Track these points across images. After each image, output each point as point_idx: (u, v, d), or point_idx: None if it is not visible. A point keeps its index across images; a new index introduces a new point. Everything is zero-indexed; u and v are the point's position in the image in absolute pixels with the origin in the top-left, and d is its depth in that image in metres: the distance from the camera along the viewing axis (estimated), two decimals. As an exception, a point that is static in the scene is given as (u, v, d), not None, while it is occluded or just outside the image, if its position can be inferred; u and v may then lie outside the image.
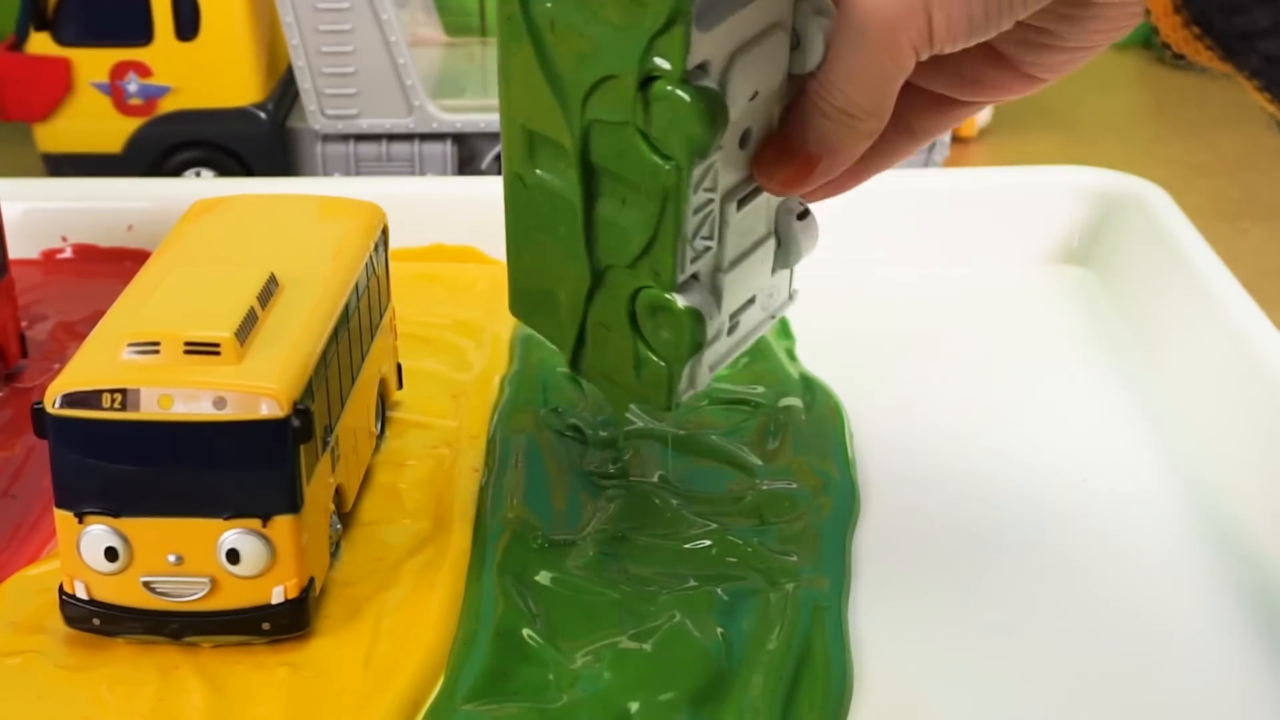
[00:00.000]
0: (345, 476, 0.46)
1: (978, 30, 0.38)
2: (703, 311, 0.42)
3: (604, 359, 0.45)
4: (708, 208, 0.41)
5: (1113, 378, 0.58)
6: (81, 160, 0.91)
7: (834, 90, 0.40)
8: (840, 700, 0.41)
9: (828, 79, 0.40)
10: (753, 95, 0.40)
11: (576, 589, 0.44)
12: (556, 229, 0.43)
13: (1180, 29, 0.32)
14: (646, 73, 0.39)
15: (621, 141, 0.40)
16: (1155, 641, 0.43)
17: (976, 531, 0.48)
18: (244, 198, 0.52)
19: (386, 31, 0.89)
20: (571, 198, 0.42)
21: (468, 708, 0.40)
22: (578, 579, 0.45)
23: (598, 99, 0.40)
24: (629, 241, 0.42)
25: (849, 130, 0.40)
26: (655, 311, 0.42)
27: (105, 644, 0.42)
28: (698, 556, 0.46)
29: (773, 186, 0.42)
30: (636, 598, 0.44)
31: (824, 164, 0.41)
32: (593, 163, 0.41)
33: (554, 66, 0.41)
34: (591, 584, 0.45)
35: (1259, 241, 0.82)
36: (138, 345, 0.40)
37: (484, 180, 0.52)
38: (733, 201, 0.42)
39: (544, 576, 0.45)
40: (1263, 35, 0.30)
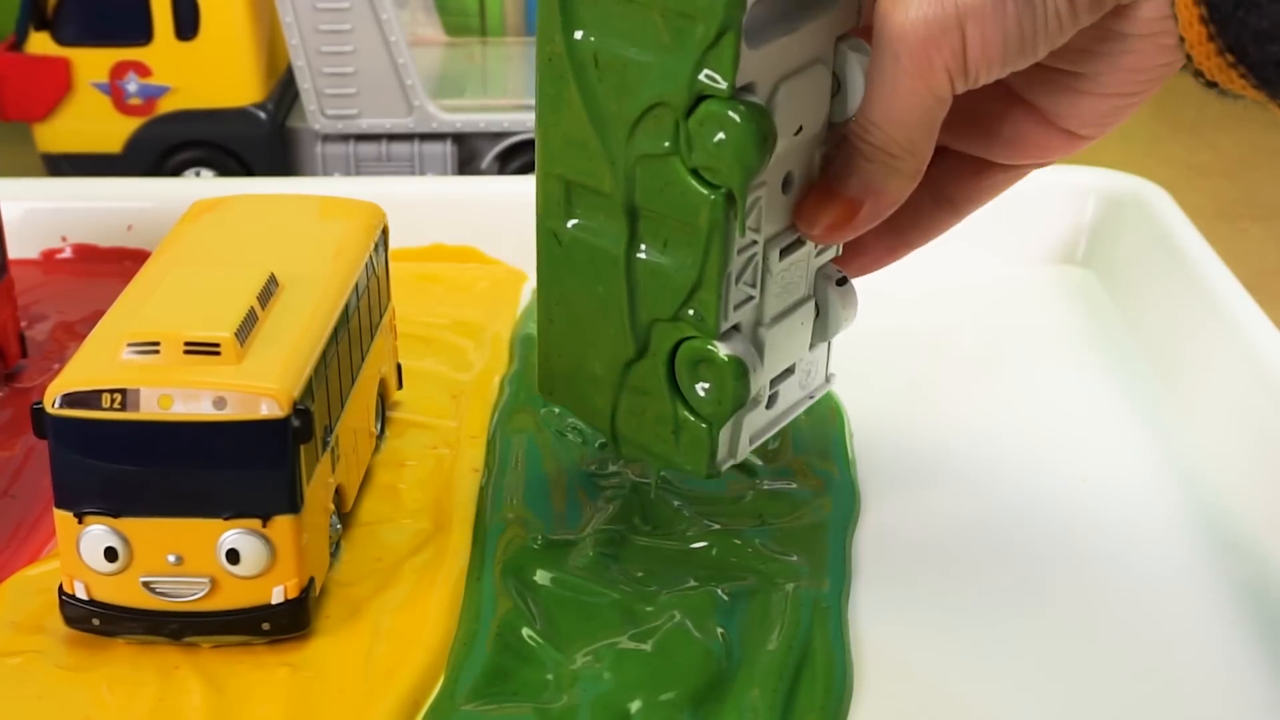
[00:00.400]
0: (345, 476, 0.46)
1: (1013, 52, 0.37)
2: (747, 363, 0.41)
3: (641, 429, 0.44)
4: (751, 250, 0.41)
5: (1113, 377, 0.58)
6: (81, 160, 0.91)
7: (871, 127, 0.39)
8: (840, 700, 0.41)
9: (864, 115, 0.39)
10: (797, 130, 0.40)
11: (576, 589, 0.44)
12: (595, 288, 0.43)
13: (1214, 57, 0.32)
14: (696, 93, 0.38)
15: (666, 175, 0.40)
16: (1155, 639, 0.43)
17: (976, 531, 0.48)
18: (244, 198, 0.52)
19: (386, 31, 0.89)
20: (613, 249, 0.42)
21: (468, 708, 0.40)
22: (578, 579, 0.45)
23: (643, 131, 0.40)
24: (672, 286, 0.41)
25: (889, 170, 0.39)
26: (697, 365, 0.42)
27: (105, 644, 0.42)
28: (698, 556, 0.46)
29: (816, 233, 0.41)
30: (636, 598, 0.44)
31: (866, 208, 0.40)
32: (636, 205, 0.41)
33: (598, 104, 0.41)
34: (591, 584, 0.45)
35: (1259, 241, 0.82)
36: (138, 345, 0.40)
37: (484, 180, 0.52)
38: (775, 250, 0.42)
39: (544, 576, 0.45)
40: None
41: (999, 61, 0.37)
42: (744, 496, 0.49)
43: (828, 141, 0.42)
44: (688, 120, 0.39)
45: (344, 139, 0.92)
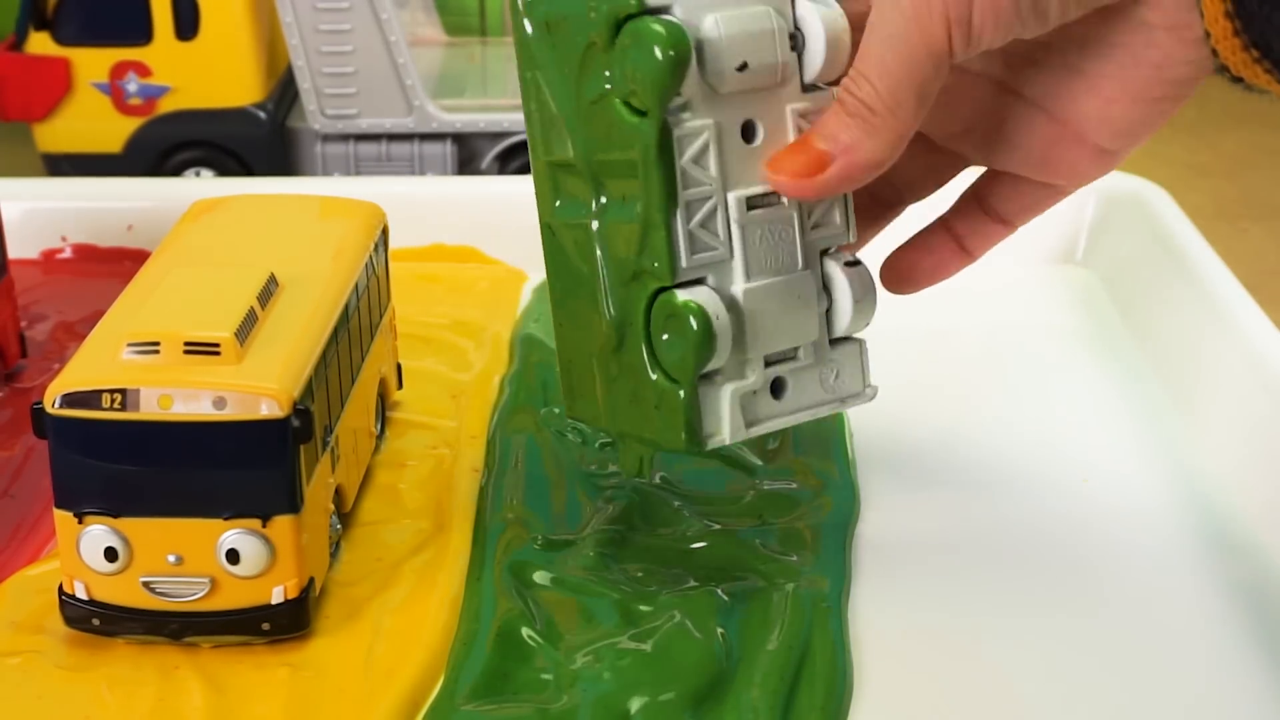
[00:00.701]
0: (345, 476, 0.46)
1: (1025, 11, 0.36)
2: (707, 308, 0.40)
3: (632, 415, 0.43)
4: (705, 191, 0.40)
5: (1113, 377, 0.58)
6: (81, 160, 0.91)
7: (859, 79, 0.38)
8: (840, 700, 0.41)
9: (855, 67, 0.38)
10: (740, 65, 0.40)
11: (576, 589, 0.44)
12: (582, 270, 0.43)
13: (1240, 52, 0.32)
14: (613, 19, 0.39)
15: (608, 117, 0.40)
16: (1155, 640, 0.43)
17: (976, 531, 0.48)
18: (244, 198, 0.52)
19: (386, 31, 0.89)
20: (587, 220, 0.42)
21: (468, 708, 0.40)
22: (578, 579, 0.45)
23: (586, 77, 0.40)
24: (631, 237, 0.41)
25: (867, 129, 0.38)
26: (666, 320, 0.41)
27: (105, 644, 0.42)
28: (698, 556, 0.46)
29: (780, 181, 0.39)
30: (636, 598, 0.44)
31: (837, 165, 0.38)
32: (594, 163, 0.41)
33: (554, 69, 0.41)
34: (591, 584, 0.44)
35: (1259, 241, 0.82)
36: (137, 345, 0.40)
37: (484, 180, 0.52)
38: (741, 200, 0.41)
39: (544, 576, 0.45)
40: None
41: (1006, 20, 0.36)
42: (744, 496, 0.49)
43: (805, 100, 0.41)
44: (611, 48, 0.39)
45: (344, 139, 0.92)
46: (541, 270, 0.44)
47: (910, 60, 0.37)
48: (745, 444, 0.51)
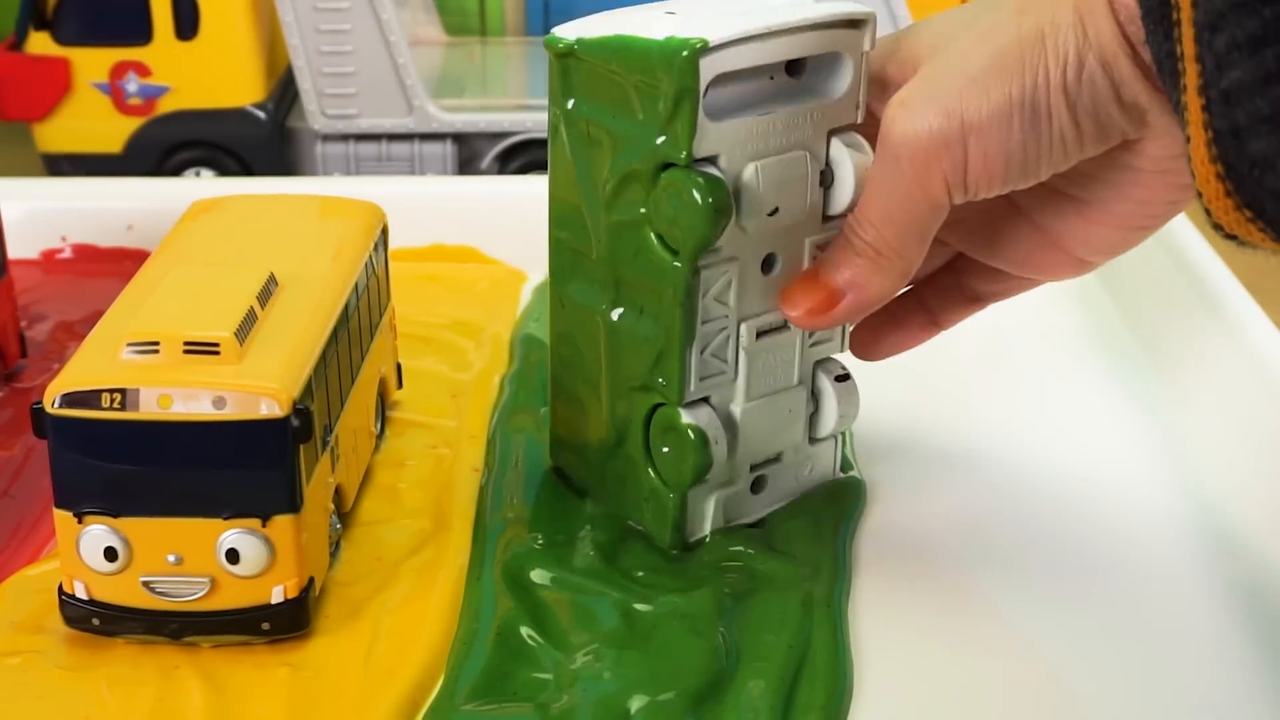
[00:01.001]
0: (345, 476, 0.46)
1: (1015, 172, 0.38)
2: (708, 434, 0.43)
3: (621, 493, 0.46)
4: (722, 324, 0.42)
5: (1113, 377, 0.58)
6: (81, 160, 0.91)
7: (865, 224, 0.40)
8: (840, 700, 0.41)
9: (860, 212, 0.40)
10: (772, 210, 0.41)
11: (576, 589, 0.44)
12: (589, 353, 0.45)
13: (1233, 211, 0.32)
14: (660, 161, 0.40)
15: (638, 241, 0.42)
16: (1155, 641, 0.43)
17: (976, 531, 0.48)
18: (244, 198, 0.52)
19: (386, 31, 0.89)
20: (600, 315, 0.44)
21: (468, 708, 0.40)
22: (578, 579, 0.45)
23: (621, 199, 0.42)
24: (644, 353, 0.43)
25: (876, 268, 0.40)
26: (665, 432, 0.44)
27: (105, 644, 0.42)
28: (698, 556, 0.46)
29: (795, 316, 0.42)
30: (636, 598, 0.44)
31: (848, 300, 0.41)
32: (618, 271, 0.43)
33: (588, 171, 0.43)
34: (591, 584, 0.44)
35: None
36: (137, 345, 0.40)
37: (484, 180, 0.52)
38: (753, 329, 0.43)
39: (544, 576, 0.45)
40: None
41: (999, 179, 0.38)
42: (744, 496, 0.49)
43: (824, 232, 0.43)
44: (653, 185, 0.41)
45: (344, 139, 0.92)
46: (542, 270, 0.45)
47: (915, 213, 0.39)
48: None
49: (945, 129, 0.37)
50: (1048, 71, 0.36)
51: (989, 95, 0.37)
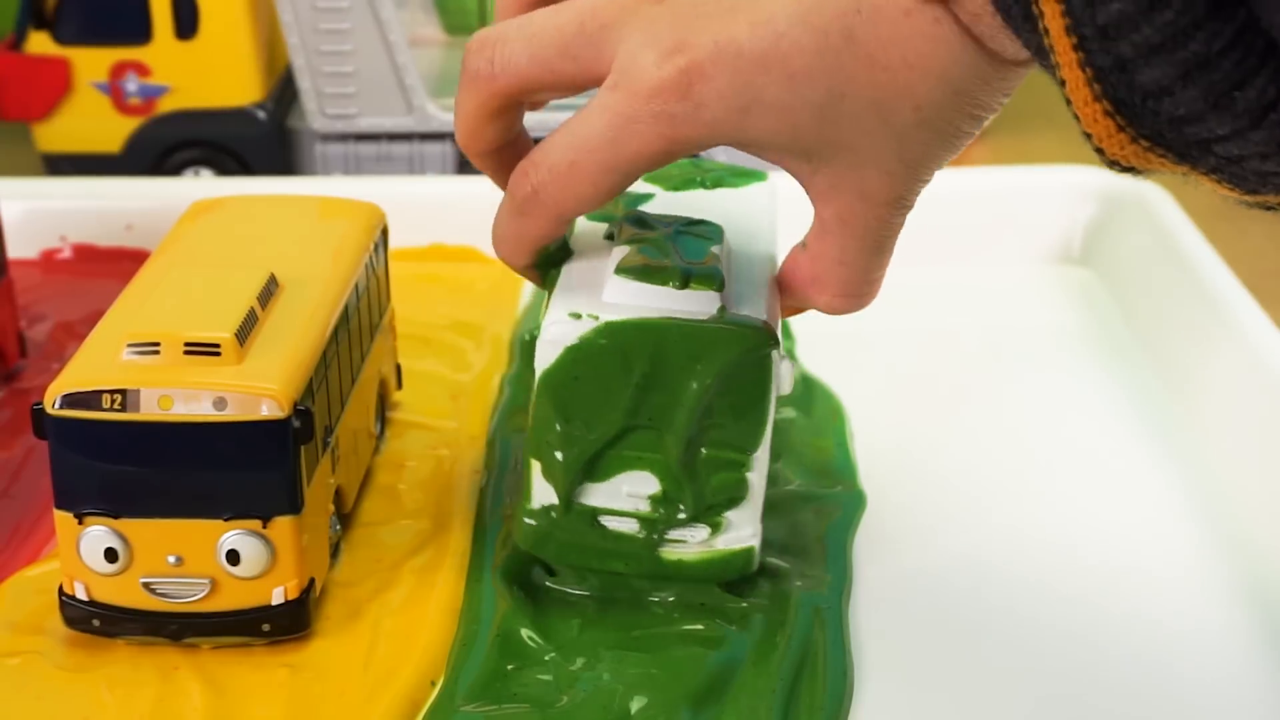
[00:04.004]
0: (345, 477, 0.46)
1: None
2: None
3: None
4: None
5: (1113, 377, 0.58)
6: (81, 160, 0.91)
7: (840, 286, 0.40)
8: (840, 700, 0.41)
9: (835, 263, 0.40)
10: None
11: (577, 589, 0.44)
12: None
13: (1128, 145, 0.31)
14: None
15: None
16: (1156, 642, 0.43)
17: (977, 532, 0.48)
18: (243, 198, 0.52)
19: (386, 31, 0.89)
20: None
21: (468, 709, 0.40)
22: (578, 579, 0.45)
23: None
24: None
25: (857, 304, 0.41)
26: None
27: (105, 645, 0.42)
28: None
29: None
30: (637, 598, 0.44)
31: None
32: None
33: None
34: (592, 585, 0.44)
35: (1259, 241, 0.82)
36: (137, 346, 0.40)
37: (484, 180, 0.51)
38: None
39: (544, 577, 0.45)
40: (1220, 141, 0.29)
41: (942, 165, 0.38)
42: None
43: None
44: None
45: (344, 139, 0.92)
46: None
47: (880, 248, 0.39)
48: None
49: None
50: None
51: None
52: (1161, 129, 0.30)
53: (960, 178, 0.72)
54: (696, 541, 0.42)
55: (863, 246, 0.38)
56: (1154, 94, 0.29)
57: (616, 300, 0.41)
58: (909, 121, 0.35)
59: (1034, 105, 1.06)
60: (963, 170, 0.78)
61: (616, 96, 0.37)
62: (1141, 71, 0.29)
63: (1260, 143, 0.29)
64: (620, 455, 0.41)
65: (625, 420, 0.41)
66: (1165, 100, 0.29)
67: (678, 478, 0.41)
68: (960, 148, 0.37)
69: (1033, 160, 0.75)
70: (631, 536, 0.42)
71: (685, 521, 0.42)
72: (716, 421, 0.41)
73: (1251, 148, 0.29)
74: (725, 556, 0.42)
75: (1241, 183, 0.30)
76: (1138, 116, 0.30)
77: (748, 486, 0.42)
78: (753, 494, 0.42)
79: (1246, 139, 0.29)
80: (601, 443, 0.41)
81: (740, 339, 0.40)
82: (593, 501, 0.42)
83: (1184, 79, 0.29)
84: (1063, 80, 0.31)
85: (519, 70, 0.39)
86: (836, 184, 0.37)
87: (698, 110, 0.36)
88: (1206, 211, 0.66)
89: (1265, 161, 0.29)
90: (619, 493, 0.42)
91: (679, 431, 0.41)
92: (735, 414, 0.41)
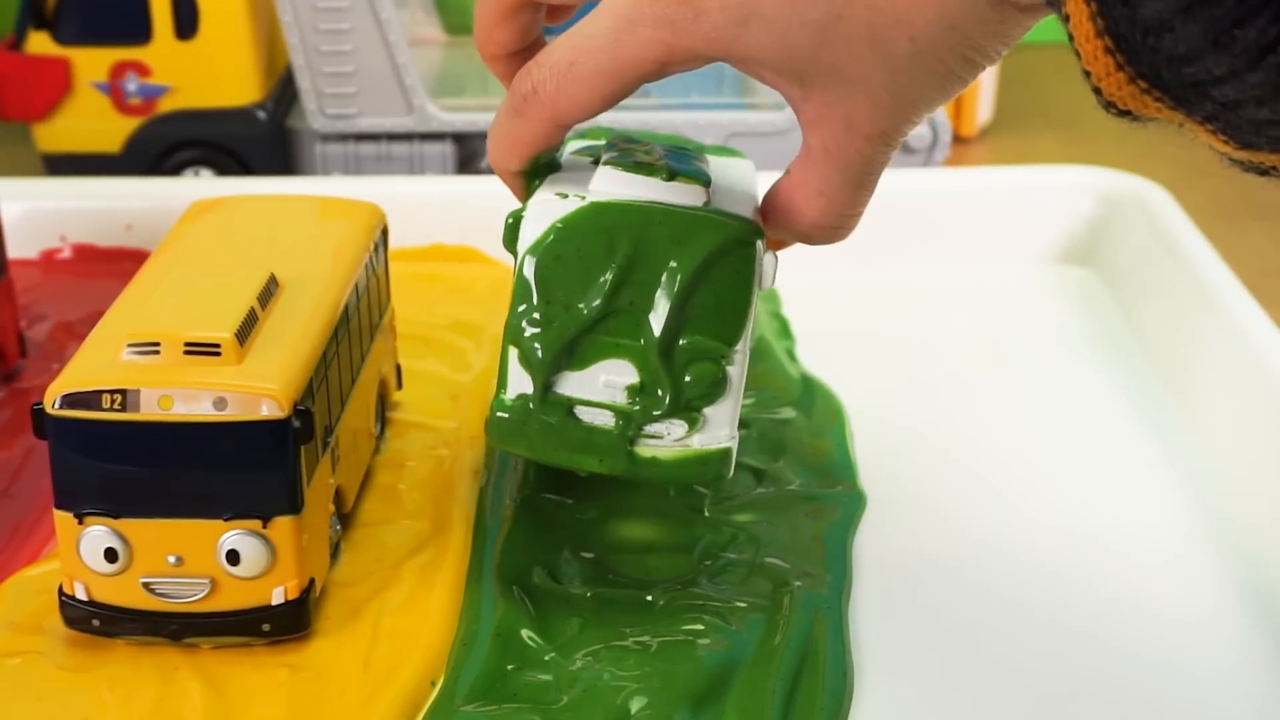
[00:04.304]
0: (345, 477, 0.46)
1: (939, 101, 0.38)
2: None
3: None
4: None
5: (1113, 377, 0.58)
6: (81, 160, 0.91)
7: (823, 215, 0.40)
8: (840, 700, 0.41)
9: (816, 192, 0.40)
10: None
11: (576, 589, 0.44)
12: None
13: (1126, 85, 0.31)
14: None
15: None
16: (1157, 642, 0.43)
17: (976, 532, 0.48)
18: (243, 198, 0.52)
19: (386, 31, 0.89)
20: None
21: (467, 709, 0.40)
22: (577, 579, 0.45)
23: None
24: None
25: (840, 234, 0.41)
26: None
27: (105, 645, 0.42)
28: (698, 556, 0.46)
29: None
30: (636, 598, 0.44)
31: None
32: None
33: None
34: (591, 584, 0.44)
35: (1259, 241, 0.82)
36: (137, 346, 0.40)
37: (484, 180, 0.51)
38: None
39: (544, 577, 0.45)
40: (1217, 83, 0.29)
41: (928, 112, 0.38)
42: (745, 496, 0.49)
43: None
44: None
45: (344, 139, 0.92)
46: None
47: (861, 184, 0.39)
48: (746, 447, 0.51)
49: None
50: None
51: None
52: (1160, 68, 0.30)
53: (960, 178, 0.73)
54: (672, 439, 0.41)
55: (844, 179, 0.38)
56: (1155, 29, 0.29)
57: (604, 187, 0.41)
58: (903, 52, 0.35)
59: (1034, 105, 1.06)
60: (963, 170, 0.78)
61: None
62: (1145, 4, 0.29)
63: (1257, 85, 0.28)
64: (599, 341, 0.41)
65: (606, 302, 0.40)
66: (1166, 36, 0.29)
67: (656, 368, 0.41)
68: (951, 91, 0.37)
69: (1033, 160, 0.75)
70: (607, 430, 0.41)
71: (662, 415, 0.41)
72: (697, 311, 0.40)
73: (1248, 91, 0.29)
74: (701, 456, 0.41)
75: (1236, 133, 0.30)
76: (1137, 54, 0.30)
77: (727, 381, 0.41)
78: (731, 391, 0.41)
79: (1244, 80, 0.29)
80: (581, 325, 0.40)
81: (725, 228, 0.40)
82: (569, 391, 0.41)
83: (1185, 12, 0.28)
84: (1066, 15, 0.31)
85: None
86: (825, 112, 0.37)
87: (698, 18, 0.36)
88: (1206, 211, 0.66)
89: (1260, 108, 0.29)
90: (596, 382, 0.41)
91: (659, 316, 0.40)
92: (717, 304, 0.40)
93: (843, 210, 0.39)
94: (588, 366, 0.41)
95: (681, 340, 0.41)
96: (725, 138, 0.88)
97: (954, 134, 1.01)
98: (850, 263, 0.63)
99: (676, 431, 0.41)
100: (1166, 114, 0.31)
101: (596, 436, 0.41)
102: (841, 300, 0.62)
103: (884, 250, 0.65)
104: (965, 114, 1.03)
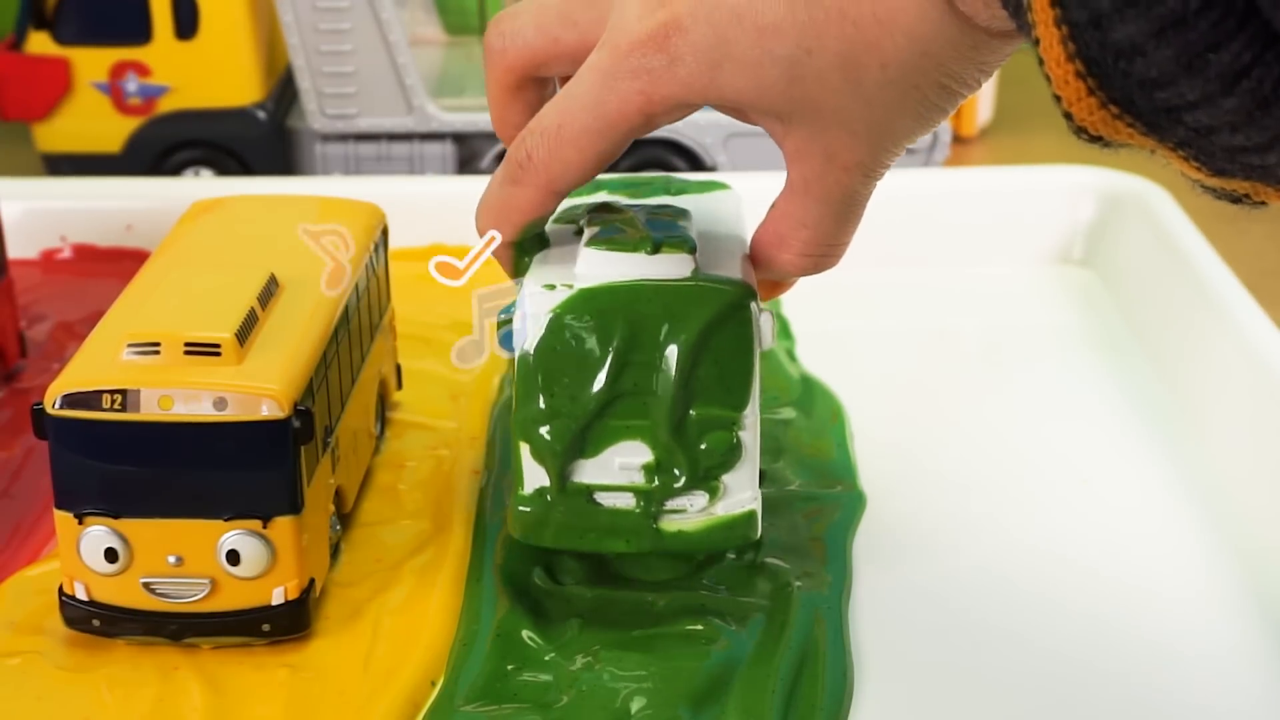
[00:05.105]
0: (345, 477, 0.46)
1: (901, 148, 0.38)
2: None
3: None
4: None
5: (1113, 377, 0.58)
6: (81, 160, 0.91)
7: (809, 243, 0.40)
8: (840, 700, 0.41)
9: (800, 223, 0.40)
10: None
11: (577, 589, 0.44)
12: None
13: (1097, 110, 0.30)
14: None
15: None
16: (1157, 640, 0.43)
17: (977, 532, 0.48)
18: (243, 198, 0.52)
19: (386, 31, 0.89)
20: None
21: (468, 709, 0.40)
22: (577, 579, 0.45)
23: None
24: None
25: (825, 264, 0.41)
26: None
27: (105, 645, 0.42)
28: (697, 557, 0.46)
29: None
30: (637, 598, 0.44)
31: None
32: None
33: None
34: (591, 584, 0.44)
35: (1259, 241, 0.82)
36: (138, 346, 0.40)
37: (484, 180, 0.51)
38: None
39: (543, 577, 0.45)
40: (1190, 108, 0.29)
41: (898, 155, 0.38)
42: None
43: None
44: None
45: (344, 139, 0.92)
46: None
47: (844, 215, 0.39)
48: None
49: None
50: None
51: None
52: (1132, 93, 0.29)
53: (960, 178, 0.73)
54: (696, 510, 0.41)
55: (826, 210, 0.38)
56: (1126, 53, 0.28)
57: (589, 271, 0.41)
58: (875, 80, 0.35)
59: (1034, 105, 1.06)
60: (963, 170, 0.78)
61: (602, 55, 0.37)
62: (1116, 28, 0.28)
63: (1230, 111, 0.28)
64: (609, 426, 0.41)
65: (610, 388, 0.40)
66: (1138, 60, 0.28)
67: (668, 444, 0.41)
68: (931, 121, 0.37)
69: (1033, 160, 0.75)
70: (629, 511, 0.41)
71: (682, 489, 0.41)
72: (703, 383, 0.40)
73: (1222, 117, 0.28)
74: (727, 523, 0.42)
75: (1209, 160, 0.30)
76: (1109, 78, 0.29)
77: (741, 447, 0.41)
78: (747, 454, 0.41)
79: (1217, 106, 0.28)
80: (588, 415, 0.40)
81: (717, 295, 0.40)
82: (586, 479, 0.41)
83: (1158, 36, 0.28)
84: (1037, 39, 0.30)
85: (527, 41, 0.39)
86: (804, 146, 0.37)
87: (673, 65, 0.36)
88: (1206, 211, 0.66)
89: (1234, 134, 0.28)
90: (611, 466, 0.41)
91: (664, 395, 0.40)
92: (720, 372, 0.40)
93: (826, 240, 0.39)
94: (601, 452, 0.41)
95: (691, 413, 0.41)
96: (725, 138, 0.88)
97: (954, 134, 1.00)
98: (850, 263, 0.63)
99: (699, 502, 0.41)
100: (1138, 140, 0.30)
101: (620, 519, 0.41)
102: (841, 300, 0.62)
103: (884, 250, 0.65)
104: (965, 114, 1.03)
